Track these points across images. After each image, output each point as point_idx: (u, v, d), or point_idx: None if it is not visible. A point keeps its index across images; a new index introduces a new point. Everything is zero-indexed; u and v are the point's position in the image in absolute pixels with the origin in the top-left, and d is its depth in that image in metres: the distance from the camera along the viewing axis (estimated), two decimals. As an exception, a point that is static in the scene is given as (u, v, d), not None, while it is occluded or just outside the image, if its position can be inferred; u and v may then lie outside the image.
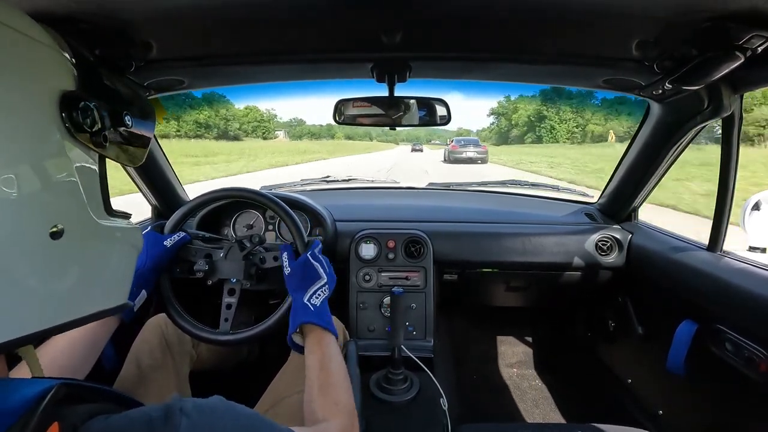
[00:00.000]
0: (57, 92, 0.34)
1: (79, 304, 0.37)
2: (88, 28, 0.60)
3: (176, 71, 0.86)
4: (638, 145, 1.15)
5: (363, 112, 0.96)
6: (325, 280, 0.77)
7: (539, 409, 1.49)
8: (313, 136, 58.97)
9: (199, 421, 0.32)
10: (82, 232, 0.37)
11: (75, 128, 0.35)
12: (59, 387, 0.29)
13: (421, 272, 1.19)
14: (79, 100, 0.35)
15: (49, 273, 0.33)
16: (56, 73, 0.35)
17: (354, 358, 0.98)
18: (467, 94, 34.07)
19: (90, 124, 0.36)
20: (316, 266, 0.78)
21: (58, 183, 0.34)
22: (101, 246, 0.40)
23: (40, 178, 0.32)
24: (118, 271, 0.43)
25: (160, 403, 0.33)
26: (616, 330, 1.37)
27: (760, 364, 0.76)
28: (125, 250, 0.44)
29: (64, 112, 0.34)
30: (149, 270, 0.78)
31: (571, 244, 1.26)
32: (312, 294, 0.74)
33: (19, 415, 0.26)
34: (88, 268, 0.38)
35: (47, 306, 0.33)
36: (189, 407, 0.33)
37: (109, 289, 0.42)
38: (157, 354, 0.86)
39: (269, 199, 0.90)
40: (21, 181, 0.30)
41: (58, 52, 0.36)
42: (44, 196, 0.32)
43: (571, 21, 0.65)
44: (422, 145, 33.36)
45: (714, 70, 0.68)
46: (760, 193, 0.99)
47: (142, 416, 0.31)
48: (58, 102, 0.34)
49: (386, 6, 0.62)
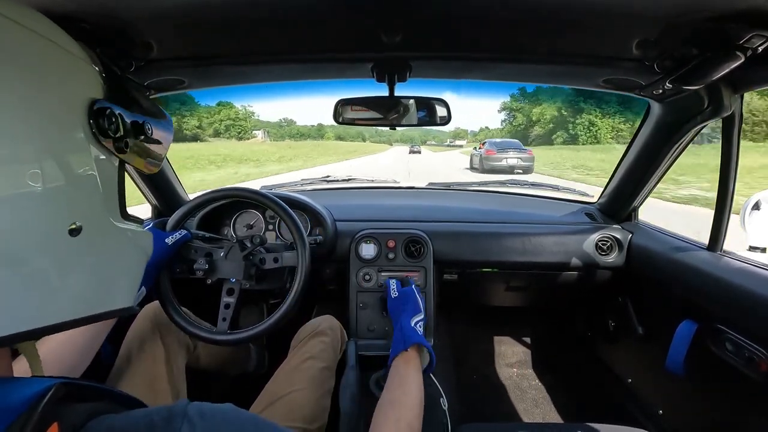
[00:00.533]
0: (87, 99, 0.37)
1: (88, 303, 0.38)
2: (88, 28, 0.60)
3: (176, 71, 0.86)
4: (638, 144, 1.15)
5: (363, 114, 0.96)
6: (423, 315, 0.85)
7: (539, 408, 1.49)
8: (300, 136, 55.75)
9: (200, 426, 0.32)
10: (98, 231, 0.38)
11: (100, 133, 0.38)
12: (59, 386, 0.29)
13: (421, 272, 1.19)
14: (106, 108, 0.38)
15: (64, 269, 0.34)
16: (87, 82, 0.39)
17: (354, 358, 0.98)
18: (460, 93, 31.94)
19: (114, 131, 0.39)
20: (419, 300, 0.89)
21: (80, 182, 0.36)
22: (114, 247, 0.42)
23: (64, 176, 0.34)
24: (127, 273, 0.45)
25: (165, 406, 0.33)
26: (616, 330, 1.36)
27: (761, 363, 0.76)
28: (136, 254, 0.46)
29: (92, 118, 0.37)
30: (150, 266, 0.78)
31: (571, 244, 1.26)
32: (416, 322, 0.81)
33: (18, 414, 0.26)
34: (100, 268, 0.39)
35: (57, 302, 0.34)
36: (193, 412, 0.32)
37: (117, 291, 0.43)
38: (148, 343, 0.85)
39: (269, 199, 0.90)
40: (45, 177, 0.32)
41: (89, 65, 0.39)
42: (66, 193, 0.34)
43: (572, 21, 0.65)
44: (419, 147, 32.73)
45: (714, 70, 0.68)
46: (760, 193, 0.99)
47: (144, 417, 0.31)
48: (86, 108, 0.37)
49: (386, 6, 0.62)
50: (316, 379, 0.88)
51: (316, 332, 1.00)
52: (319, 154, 24.65)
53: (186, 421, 0.31)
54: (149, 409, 0.33)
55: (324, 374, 0.92)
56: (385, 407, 0.62)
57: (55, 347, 0.61)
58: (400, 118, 0.96)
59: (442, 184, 1.72)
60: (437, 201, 1.56)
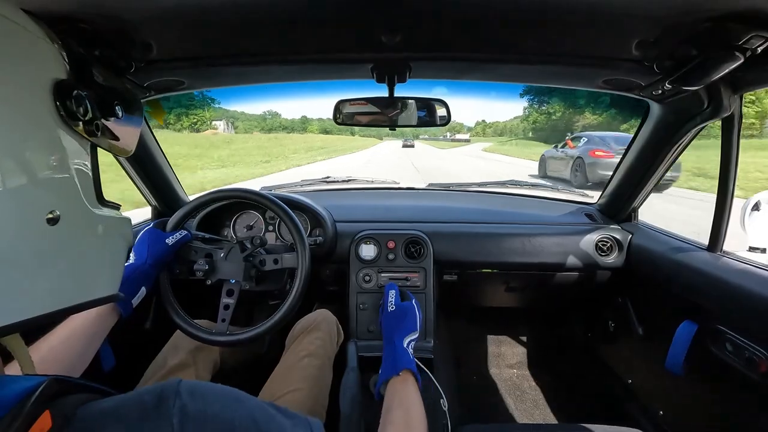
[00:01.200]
0: (51, 81, 0.35)
1: (70, 292, 0.37)
2: (88, 28, 0.60)
3: (176, 72, 0.86)
4: (638, 145, 1.15)
5: (363, 111, 0.96)
6: (417, 333, 0.81)
7: (539, 409, 1.49)
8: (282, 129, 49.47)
9: (191, 402, 0.32)
10: (76, 219, 0.37)
11: (69, 116, 0.36)
12: (51, 382, 0.29)
13: (421, 273, 1.19)
14: (72, 89, 0.36)
15: (44, 260, 0.34)
16: (49, 62, 0.36)
17: (354, 358, 0.98)
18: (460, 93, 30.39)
19: (83, 113, 0.37)
20: (418, 317, 0.84)
21: (54, 170, 0.35)
22: (94, 234, 0.41)
23: (36, 165, 0.33)
24: (108, 260, 0.44)
25: (157, 385, 0.33)
26: (616, 330, 1.37)
27: (760, 364, 0.76)
28: (116, 240, 0.45)
29: (58, 100, 0.35)
30: (150, 266, 0.78)
31: (571, 245, 1.26)
32: (409, 342, 0.77)
33: (9, 408, 0.26)
34: (80, 256, 0.38)
35: (38, 293, 0.33)
36: (184, 390, 0.32)
37: (99, 279, 0.42)
38: (183, 356, 0.87)
39: (269, 200, 0.90)
40: (16, 166, 0.31)
41: (48, 43, 0.36)
42: (40, 181, 0.33)
43: (571, 21, 0.65)
44: (413, 141, 31.74)
45: (714, 71, 0.68)
46: (760, 193, 0.99)
47: (134, 397, 0.31)
48: (52, 90, 0.35)
49: (386, 6, 0.62)
50: (313, 378, 0.89)
51: (312, 328, 1.00)
52: (292, 151, 19.80)
53: (178, 398, 0.31)
54: (140, 389, 0.33)
55: (322, 371, 0.92)
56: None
57: (55, 346, 0.61)
58: (400, 118, 0.96)
59: (441, 185, 1.72)
60: (437, 202, 1.56)
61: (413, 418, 0.61)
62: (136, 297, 0.74)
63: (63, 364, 0.60)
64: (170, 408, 0.30)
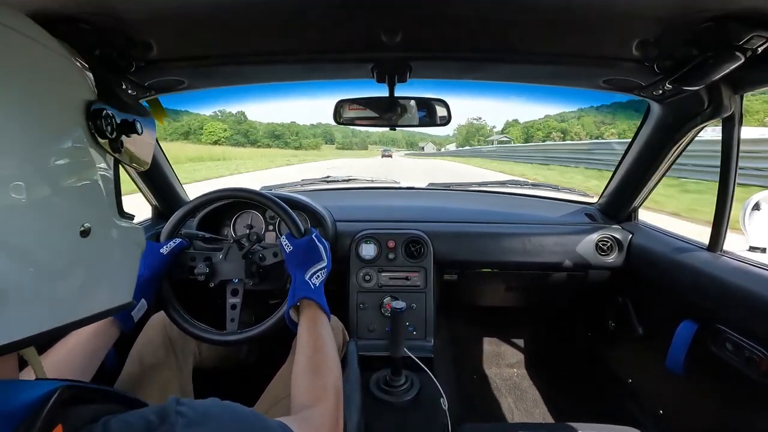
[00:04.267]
0: (83, 102, 0.38)
1: (93, 301, 0.39)
2: (88, 28, 0.60)
3: (176, 71, 0.85)
4: (638, 145, 1.15)
5: (363, 114, 0.96)
6: (326, 263, 0.80)
7: (539, 409, 1.49)
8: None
9: (195, 419, 0.33)
10: (104, 231, 0.40)
11: (99, 134, 0.39)
12: (63, 389, 0.29)
13: (422, 272, 1.19)
14: (102, 109, 0.39)
15: (76, 270, 0.36)
16: (81, 84, 0.39)
17: (354, 358, 0.98)
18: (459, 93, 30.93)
19: (110, 131, 0.40)
20: (320, 248, 0.81)
21: (85, 185, 0.37)
22: (117, 245, 0.43)
23: (71, 181, 0.35)
24: (126, 269, 0.45)
25: (157, 405, 0.34)
26: (616, 330, 1.37)
27: (761, 363, 0.76)
28: (132, 249, 0.47)
29: (90, 120, 0.38)
30: (147, 280, 0.78)
31: (571, 244, 1.26)
32: (313, 273, 0.76)
33: (21, 419, 0.26)
34: (106, 266, 0.40)
35: (72, 302, 0.35)
36: (184, 407, 0.34)
37: (118, 287, 0.44)
38: (160, 352, 0.86)
39: (269, 199, 0.90)
40: (56, 184, 0.33)
41: (78, 66, 0.39)
42: (74, 196, 0.35)
43: (572, 21, 0.65)
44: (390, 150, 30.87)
45: (714, 71, 0.68)
46: (760, 193, 0.99)
47: (140, 419, 0.32)
48: (84, 111, 0.37)
49: (386, 6, 0.62)
50: None
51: None
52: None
53: (180, 416, 0.33)
54: (143, 410, 0.34)
55: None
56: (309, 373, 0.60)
57: (69, 350, 0.61)
58: (400, 118, 0.96)
59: (442, 185, 1.73)
60: (437, 201, 1.56)
61: (318, 338, 0.66)
62: (136, 309, 0.74)
63: (75, 369, 0.60)
64: (174, 425, 0.32)
